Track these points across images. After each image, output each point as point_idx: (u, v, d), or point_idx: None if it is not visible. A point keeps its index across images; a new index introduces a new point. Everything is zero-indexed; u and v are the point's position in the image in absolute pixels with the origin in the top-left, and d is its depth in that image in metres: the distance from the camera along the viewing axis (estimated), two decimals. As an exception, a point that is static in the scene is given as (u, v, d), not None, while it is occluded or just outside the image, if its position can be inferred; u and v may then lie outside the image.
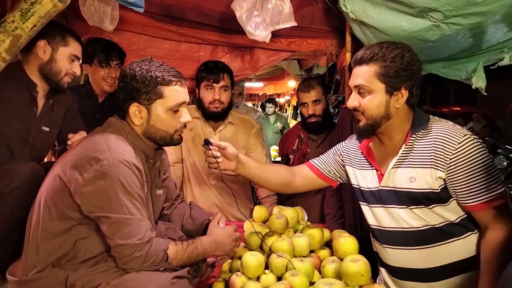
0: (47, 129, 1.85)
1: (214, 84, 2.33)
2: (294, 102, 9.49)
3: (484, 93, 1.89)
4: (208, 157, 1.61)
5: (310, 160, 1.84)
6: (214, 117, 2.42)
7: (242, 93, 4.15)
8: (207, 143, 1.58)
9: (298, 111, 2.78)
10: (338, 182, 1.81)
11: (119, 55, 2.36)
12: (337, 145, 1.81)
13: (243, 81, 3.90)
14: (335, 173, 1.77)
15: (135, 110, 1.44)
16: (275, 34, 2.35)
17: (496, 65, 1.79)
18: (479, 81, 1.87)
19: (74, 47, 1.84)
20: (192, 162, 2.47)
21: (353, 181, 1.68)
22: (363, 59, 1.46)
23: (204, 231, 1.70)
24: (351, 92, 1.54)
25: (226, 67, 2.40)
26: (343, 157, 1.74)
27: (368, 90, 1.45)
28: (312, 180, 1.80)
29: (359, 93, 1.48)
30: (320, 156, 1.83)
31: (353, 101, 1.50)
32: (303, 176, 1.79)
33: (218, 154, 1.60)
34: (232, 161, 1.64)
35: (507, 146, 6.42)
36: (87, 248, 1.35)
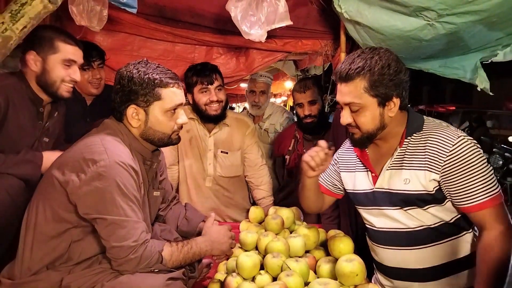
0: (47, 139, 1.83)
1: (209, 86, 2.29)
2: (290, 103, 9.48)
3: (490, 93, 1.88)
4: (316, 157, 1.56)
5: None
6: (214, 119, 2.37)
7: (266, 91, 3.33)
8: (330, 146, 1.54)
9: (294, 112, 2.76)
10: (343, 194, 1.78)
11: (99, 55, 2.26)
12: (334, 155, 1.79)
13: (267, 77, 3.37)
14: (336, 185, 1.76)
15: (132, 112, 1.43)
16: (270, 35, 2.34)
17: (490, 61, 1.80)
18: (483, 82, 1.87)
19: (65, 51, 1.71)
20: (189, 164, 2.45)
21: (349, 187, 1.67)
22: (349, 76, 1.39)
23: (199, 233, 1.70)
24: None
25: (215, 67, 2.36)
26: (339, 165, 1.73)
27: (360, 107, 1.41)
28: (324, 198, 1.80)
29: (351, 109, 1.44)
30: (325, 171, 1.78)
31: (346, 118, 1.46)
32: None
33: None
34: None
35: (502, 145, 6.46)
36: (82, 250, 1.35)
